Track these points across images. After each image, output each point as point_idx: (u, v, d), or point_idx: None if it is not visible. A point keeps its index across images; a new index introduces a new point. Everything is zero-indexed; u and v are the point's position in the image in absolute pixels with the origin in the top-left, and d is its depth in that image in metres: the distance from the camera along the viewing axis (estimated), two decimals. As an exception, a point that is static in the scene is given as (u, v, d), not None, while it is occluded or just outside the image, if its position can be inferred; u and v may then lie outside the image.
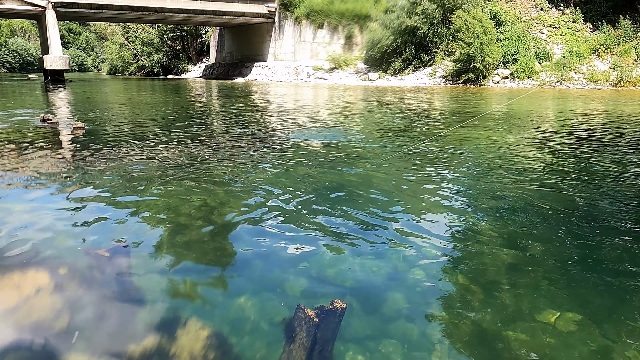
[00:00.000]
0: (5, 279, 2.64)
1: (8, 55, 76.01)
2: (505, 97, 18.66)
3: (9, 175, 5.14)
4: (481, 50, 24.81)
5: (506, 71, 25.94)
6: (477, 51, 24.83)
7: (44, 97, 19.33)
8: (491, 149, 7.09)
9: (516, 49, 26.03)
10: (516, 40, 26.41)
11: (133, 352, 2.18)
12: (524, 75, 25.31)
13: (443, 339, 2.33)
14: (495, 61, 25.51)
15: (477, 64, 25.19)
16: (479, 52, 24.83)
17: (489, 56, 24.96)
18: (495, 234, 3.57)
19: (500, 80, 25.75)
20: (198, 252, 3.25)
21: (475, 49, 24.81)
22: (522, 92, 20.70)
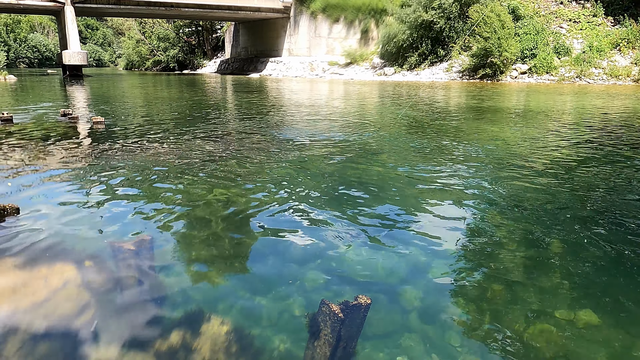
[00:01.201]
0: (33, 272, 2.69)
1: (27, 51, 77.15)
2: (523, 92, 18.40)
3: (34, 170, 5.22)
4: (499, 45, 24.45)
5: (524, 66, 25.54)
6: (494, 46, 24.47)
7: (62, 92, 19.61)
8: (509, 146, 7.01)
9: (535, 44, 25.61)
10: (535, 34, 25.98)
11: (157, 345, 2.20)
12: (542, 70, 24.90)
13: (463, 337, 2.32)
14: (513, 56, 25.12)
15: (495, 59, 24.84)
16: (497, 46, 24.47)
17: (506, 51, 24.59)
18: (515, 231, 3.53)
19: (518, 76, 25.38)
20: (217, 246, 3.27)
21: (493, 43, 24.46)
22: (540, 87, 20.40)
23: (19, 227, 3.38)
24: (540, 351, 2.20)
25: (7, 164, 5.45)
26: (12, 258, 2.85)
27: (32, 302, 2.38)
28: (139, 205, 4.02)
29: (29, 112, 11.05)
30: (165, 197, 4.29)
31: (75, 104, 14.05)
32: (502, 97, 16.49)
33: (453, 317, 2.47)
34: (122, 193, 4.37)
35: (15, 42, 73.54)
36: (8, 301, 2.38)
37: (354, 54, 33.63)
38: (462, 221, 3.76)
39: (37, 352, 2.11)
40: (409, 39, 29.33)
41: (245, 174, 5.12)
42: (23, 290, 2.47)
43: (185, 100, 15.20)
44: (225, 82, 28.93)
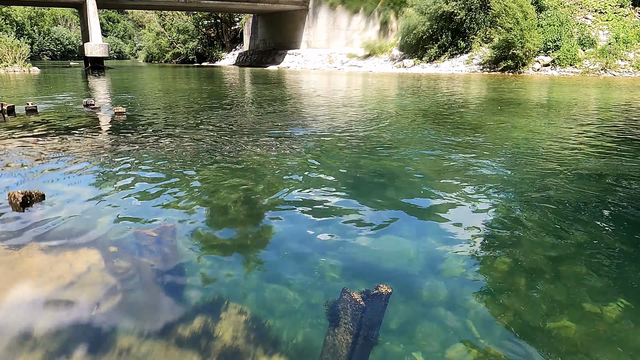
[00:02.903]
0: (59, 256, 2.74)
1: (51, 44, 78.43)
2: (546, 85, 18.03)
3: (58, 158, 5.32)
4: (521, 36, 23.97)
5: (547, 58, 25.02)
6: (516, 37, 24.01)
7: (84, 83, 19.91)
8: (531, 137, 6.88)
9: (558, 35, 25.03)
10: (558, 26, 25.38)
11: (179, 330, 2.22)
12: (566, 62, 24.36)
13: (484, 329, 2.29)
14: (536, 48, 24.60)
15: (517, 51, 24.38)
16: (519, 38, 24.00)
17: (529, 42, 24.10)
18: (537, 222, 3.47)
19: (540, 68, 24.87)
20: (237, 234, 3.29)
21: (515, 35, 24.00)
22: (563, 80, 19.97)
23: (44, 213, 3.45)
24: (564, 344, 2.17)
25: (32, 152, 5.56)
26: (38, 242, 2.91)
27: (57, 285, 2.43)
28: (161, 193, 4.07)
29: (52, 103, 11.26)
30: (186, 185, 4.34)
31: (97, 95, 14.26)
32: (524, 89, 16.19)
33: (473, 308, 2.45)
34: (144, 181, 4.43)
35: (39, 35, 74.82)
36: (35, 284, 2.43)
37: (372, 45, 33.37)
38: (483, 212, 3.71)
39: (61, 335, 2.15)
40: (428, 30, 28.98)
41: (263, 163, 5.14)
42: (49, 273, 2.52)
43: (204, 92, 15.30)
44: (244, 74, 29.02)
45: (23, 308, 2.24)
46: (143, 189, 4.18)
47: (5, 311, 2.22)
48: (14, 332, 2.11)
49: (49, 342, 2.08)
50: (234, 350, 2.11)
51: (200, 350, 2.09)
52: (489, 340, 2.21)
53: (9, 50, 28.74)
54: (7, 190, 3.85)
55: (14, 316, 2.19)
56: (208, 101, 12.33)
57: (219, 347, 2.14)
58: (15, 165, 4.94)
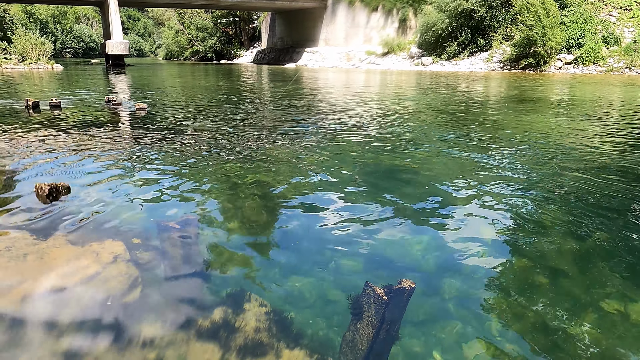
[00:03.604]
0: (85, 247, 2.79)
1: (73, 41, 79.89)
2: (568, 83, 17.71)
3: (82, 152, 5.42)
4: (543, 34, 23.57)
5: (569, 56, 24.56)
6: (538, 35, 23.62)
7: (105, 80, 20.22)
8: (552, 135, 6.77)
9: (581, 33, 24.55)
10: (582, 23, 24.89)
11: (200, 322, 2.24)
12: (589, 60, 23.87)
13: (503, 328, 2.26)
14: (558, 46, 24.16)
15: (538, 49, 23.98)
16: (541, 36, 23.60)
17: (551, 40, 23.68)
18: (558, 220, 3.41)
19: (562, 66, 24.43)
20: (256, 228, 3.30)
21: (537, 32, 23.60)
22: (586, 78, 19.59)
23: (70, 205, 3.52)
24: (585, 344, 2.13)
25: (57, 146, 5.68)
26: (65, 233, 2.97)
27: (84, 275, 2.47)
28: (182, 186, 4.11)
29: (75, 99, 11.46)
30: (206, 179, 4.37)
31: (118, 91, 14.47)
32: (546, 87, 15.92)
33: (492, 306, 2.42)
34: (166, 175, 4.48)
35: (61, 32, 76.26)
36: (62, 274, 2.48)
37: (391, 43, 33.20)
38: (503, 209, 3.66)
39: (87, 323, 2.19)
40: (448, 28, 28.71)
41: (281, 159, 5.15)
42: (76, 263, 2.57)
43: (222, 89, 15.40)
44: (261, 72, 29.14)
45: (52, 297, 2.29)
46: (165, 182, 4.23)
47: (35, 300, 2.26)
48: (43, 320, 2.15)
49: (75, 331, 2.11)
50: (255, 343, 2.11)
51: (222, 342, 2.11)
52: (507, 338, 2.18)
53: (33, 47, 29.34)
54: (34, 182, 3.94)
55: (44, 305, 2.24)
56: (226, 98, 12.42)
57: (241, 339, 2.15)
58: (41, 159, 5.05)
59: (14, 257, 2.63)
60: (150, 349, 2.03)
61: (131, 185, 4.13)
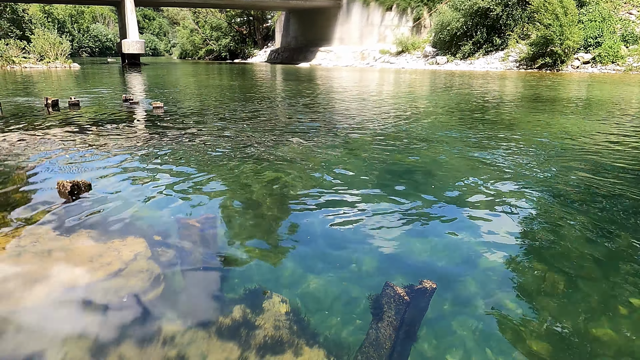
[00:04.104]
0: (107, 244, 2.82)
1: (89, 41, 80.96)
2: (586, 82, 17.45)
3: (102, 150, 5.49)
4: (560, 32, 23.24)
5: (587, 55, 24.18)
6: (555, 34, 23.29)
7: (122, 79, 20.45)
8: (570, 135, 6.67)
9: (600, 32, 24.16)
10: (600, 21, 24.49)
11: (220, 320, 2.25)
12: (607, 59, 23.48)
13: (519, 329, 2.24)
14: (576, 44, 23.79)
15: (556, 48, 23.66)
16: (558, 34, 23.27)
17: (569, 39, 23.33)
18: (575, 222, 3.36)
19: (580, 65, 24.06)
20: (274, 227, 3.31)
21: (554, 31, 23.28)
22: (605, 78, 19.28)
23: (91, 202, 3.57)
24: (604, 347, 2.10)
25: (77, 144, 5.76)
26: (88, 230, 3.01)
27: (107, 272, 2.50)
28: (200, 185, 4.15)
29: (93, 98, 11.61)
30: (223, 177, 4.40)
31: (134, 90, 14.62)
32: (563, 87, 15.71)
33: (508, 309, 2.39)
34: (184, 172, 4.52)
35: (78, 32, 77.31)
36: (85, 271, 2.51)
37: (405, 42, 33.05)
38: (519, 210, 3.62)
39: (109, 320, 2.21)
40: (463, 27, 28.48)
41: (295, 157, 5.16)
42: (99, 260, 2.60)
43: (237, 89, 15.48)
44: (275, 71, 29.21)
45: (77, 293, 2.32)
46: (183, 180, 4.27)
47: (60, 296, 2.30)
48: (67, 317, 2.18)
49: (99, 328, 2.13)
50: (275, 341, 2.12)
51: (242, 339, 2.12)
52: (524, 340, 2.16)
53: (51, 47, 29.80)
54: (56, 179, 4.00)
55: (68, 301, 2.27)
56: (240, 97, 12.47)
57: (260, 337, 2.16)
58: (62, 156, 5.12)
59: (38, 252, 2.68)
60: (171, 347, 2.05)
61: (150, 183, 4.17)
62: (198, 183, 4.21)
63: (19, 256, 2.63)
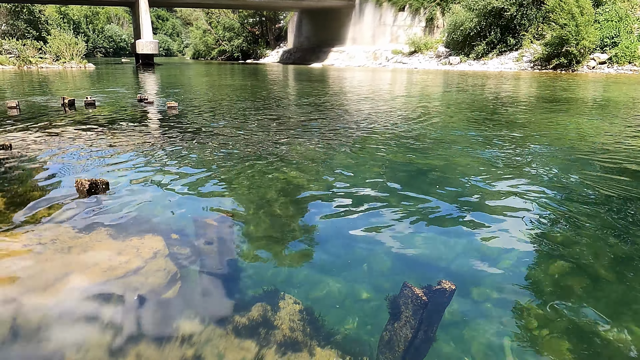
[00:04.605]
0: (126, 242, 2.85)
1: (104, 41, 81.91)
2: (602, 83, 17.21)
3: (119, 148, 5.55)
4: (576, 32, 22.94)
5: (603, 56, 23.85)
6: (571, 34, 23.00)
7: (136, 79, 20.65)
8: (586, 136, 6.59)
9: (617, 32, 23.82)
10: (617, 21, 24.15)
11: (237, 319, 2.26)
12: (624, 60, 23.14)
13: (538, 330, 2.21)
14: (592, 45, 23.47)
15: (571, 48, 23.37)
16: (574, 35, 22.98)
17: (585, 39, 23.03)
18: (593, 223, 3.31)
19: (596, 66, 23.74)
20: (289, 227, 3.31)
21: (570, 31, 23.00)
22: (621, 78, 18.98)
23: (109, 200, 3.60)
24: (623, 350, 2.06)
25: (94, 143, 5.83)
26: (107, 228, 3.04)
27: (126, 270, 2.53)
28: (216, 184, 4.17)
29: (108, 97, 11.74)
30: (238, 177, 4.42)
31: (148, 90, 14.75)
32: (578, 87, 15.52)
33: (526, 310, 2.36)
34: (199, 172, 4.55)
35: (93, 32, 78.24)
36: (105, 268, 2.54)
37: (418, 42, 32.93)
38: (536, 211, 3.58)
39: (128, 318, 2.23)
40: (476, 27, 28.29)
41: (308, 158, 5.16)
42: (118, 258, 2.63)
43: (249, 89, 15.54)
44: (287, 71, 29.27)
45: (96, 290, 2.35)
46: (199, 179, 4.30)
47: (80, 293, 2.32)
48: (87, 314, 2.20)
49: (118, 326, 2.14)
50: (290, 341, 2.12)
51: (259, 339, 2.12)
52: (542, 342, 2.14)
53: (67, 47, 30.20)
54: (74, 177, 4.05)
55: (88, 298, 2.30)
56: (253, 97, 12.52)
57: (277, 337, 2.16)
58: (80, 155, 5.18)
59: (59, 249, 2.71)
60: (188, 345, 2.06)
61: (167, 181, 4.20)
62: (213, 182, 4.24)
63: (39, 253, 2.67)
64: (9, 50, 28.88)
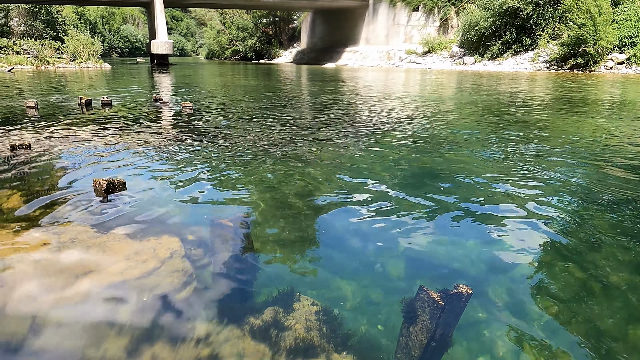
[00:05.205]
0: (143, 242, 2.88)
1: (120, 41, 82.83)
2: (621, 84, 16.93)
3: (135, 148, 5.60)
4: (594, 32, 22.60)
5: (622, 56, 23.46)
6: (589, 34, 22.66)
7: (151, 79, 20.84)
8: (603, 138, 6.48)
9: (635, 31, 23.41)
10: (636, 20, 23.74)
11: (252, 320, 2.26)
12: (643, 60, 22.74)
13: (553, 335, 2.19)
14: (610, 45, 23.10)
15: (588, 48, 23.02)
16: (592, 34, 22.63)
17: (602, 39, 22.67)
18: (610, 227, 3.26)
19: (613, 66, 23.37)
20: (303, 228, 3.31)
21: (587, 31, 22.66)
22: None
23: (126, 200, 3.64)
24: None
25: (110, 143, 5.89)
26: (124, 228, 3.07)
27: (144, 270, 2.55)
28: (231, 184, 4.20)
29: (124, 97, 11.87)
30: (253, 177, 4.44)
31: (163, 90, 14.88)
32: (596, 88, 15.30)
33: (543, 313, 2.34)
34: (215, 172, 4.58)
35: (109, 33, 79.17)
36: (123, 268, 2.57)
37: (432, 42, 32.75)
38: (552, 214, 3.53)
39: (145, 317, 2.25)
40: (491, 26, 28.04)
41: (323, 158, 5.17)
42: (136, 257, 2.65)
43: (263, 89, 15.59)
44: (300, 71, 29.31)
45: (115, 291, 2.37)
46: (214, 179, 4.33)
47: (99, 293, 2.35)
48: (105, 314, 2.22)
49: (135, 325, 2.16)
50: (305, 344, 2.12)
51: (273, 341, 2.12)
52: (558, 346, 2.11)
53: (84, 47, 30.61)
54: (91, 177, 4.10)
55: (107, 298, 2.32)
56: (267, 97, 12.56)
57: (291, 339, 2.16)
58: (97, 154, 5.25)
59: (77, 249, 2.75)
60: (204, 346, 2.07)
61: (183, 181, 4.24)
62: (229, 183, 4.26)
63: (58, 252, 2.71)
64: (28, 51, 29.36)
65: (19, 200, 3.63)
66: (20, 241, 2.85)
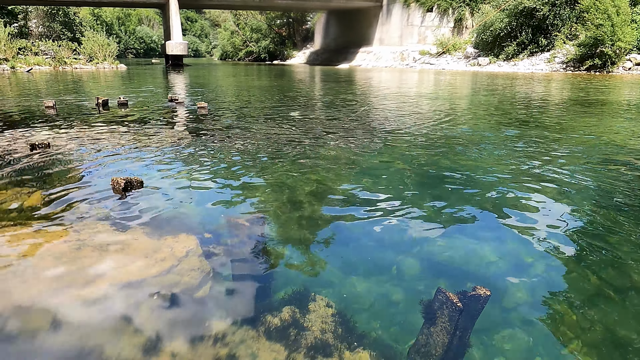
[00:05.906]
0: (161, 240, 2.90)
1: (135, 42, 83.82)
2: (638, 85, 16.64)
3: (152, 148, 5.66)
4: (612, 33, 22.25)
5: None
6: (606, 34, 22.32)
7: (166, 80, 21.04)
8: (620, 141, 6.36)
9: (655, 32, 23.01)
10: (656, 21, 23.33)
11: (269, 320, 2.27)
12: (662, 61, 22.33)
13: (570, 341, 2.15)
14: (628, 45, 22.73)
15: (606, 49, 22.67)
16: (610, 35, 22.29)
17: (620, 40, 22.31)
18: (628, 230, 3.20)
19: (632, 67, 22.98)
20: (318, 228, 3.30)
21: (605, 31, 22.32)
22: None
23: (144, 198, 3.68)
24: None
25: (128, 142, 5.96)
26: (142, 226, 3.10)
27: (161, 268, 2.57)
28: (247, 184, 4.21)
29: (140, 97, 12.00)
30: (268, 177, 4.45)
31: (178, 90, 15.01)
32: (614, 90, 15.05)
33: (557, 319, 2.30)
34: (230, 172, 4.60)
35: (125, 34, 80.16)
36: (141, 266, 2.59)
37: (446, 43, 32.55)
38: (569, 217, 3.48)
39: (163, 316, 2.26)
40: (507, 27, 27.77)
41: (337, 159, 5.16)
42: (154, 256, 2.67)
43: (276, 90, 15.64)
44: (314, 72, 29.33)
45: (133, 288, 2.39)
46: (230, 179, 4.35)
47: (118, 290, 2.38)
48: (123, 312, 2.24)
49: (153, 324, 2.17)
50: (321, 344, 2.12)
51: (289, 341, 2.12)
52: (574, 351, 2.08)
53: (100, 48, 31.01)
54: (109, 175, 4.15)
55: (126, 296, 2.35)
56: (280, 98, 12.59)
57: (307, 339, 2.16)
58: (114, 154, 5.31)
59: (97, 246, 2.78)
60: (222, 345, 2.07)
61: (199, 180, 4.27)
62: (244, 182, 4.28)
63: (78, 250, 2.74)
64: (45, 52, 29.83)
65: (39, 199, 3.68)
66: (40, 238, 2.89)
